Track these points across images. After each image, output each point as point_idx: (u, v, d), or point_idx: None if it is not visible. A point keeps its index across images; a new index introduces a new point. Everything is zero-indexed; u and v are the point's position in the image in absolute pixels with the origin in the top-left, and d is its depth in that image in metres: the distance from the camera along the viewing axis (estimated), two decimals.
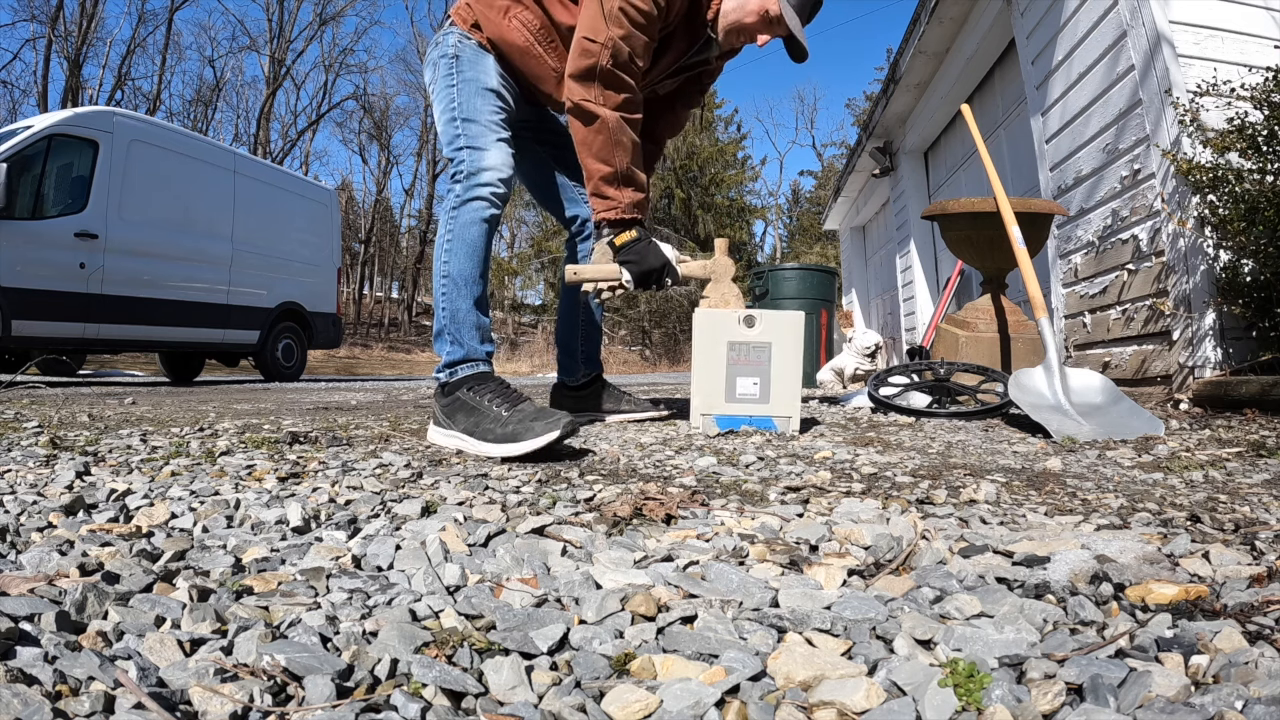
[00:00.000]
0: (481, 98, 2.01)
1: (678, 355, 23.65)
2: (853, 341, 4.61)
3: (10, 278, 5.54)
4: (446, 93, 2.02)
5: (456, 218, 1.92)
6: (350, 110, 35.01)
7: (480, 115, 1.99)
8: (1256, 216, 2.41)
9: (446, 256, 1.92)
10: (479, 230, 1.92)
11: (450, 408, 1.80)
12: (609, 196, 1.96)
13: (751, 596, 0.71)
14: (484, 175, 1.93)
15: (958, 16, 5.30)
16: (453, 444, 1.77)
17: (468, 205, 1.92)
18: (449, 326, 1.88)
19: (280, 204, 8.12)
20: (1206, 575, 0.75)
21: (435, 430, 1.86)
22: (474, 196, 1.92)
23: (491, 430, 1.67)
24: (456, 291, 1.90)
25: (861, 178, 9.24)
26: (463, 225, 1.91)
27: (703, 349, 2.11)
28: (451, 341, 1.87)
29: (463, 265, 1.90)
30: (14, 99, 24.42)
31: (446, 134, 2.00)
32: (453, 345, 1.87)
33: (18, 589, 0.69)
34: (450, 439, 1.78)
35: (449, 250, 1.91)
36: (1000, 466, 1.50)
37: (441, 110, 2.03)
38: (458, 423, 1.76)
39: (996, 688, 0.51)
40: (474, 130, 1.97)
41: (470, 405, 1.76)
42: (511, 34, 2.02)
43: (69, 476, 1.27)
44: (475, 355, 1.87)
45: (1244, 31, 2.99)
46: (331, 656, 0.57)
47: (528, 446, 1.59)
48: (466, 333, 1.88)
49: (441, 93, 2.04)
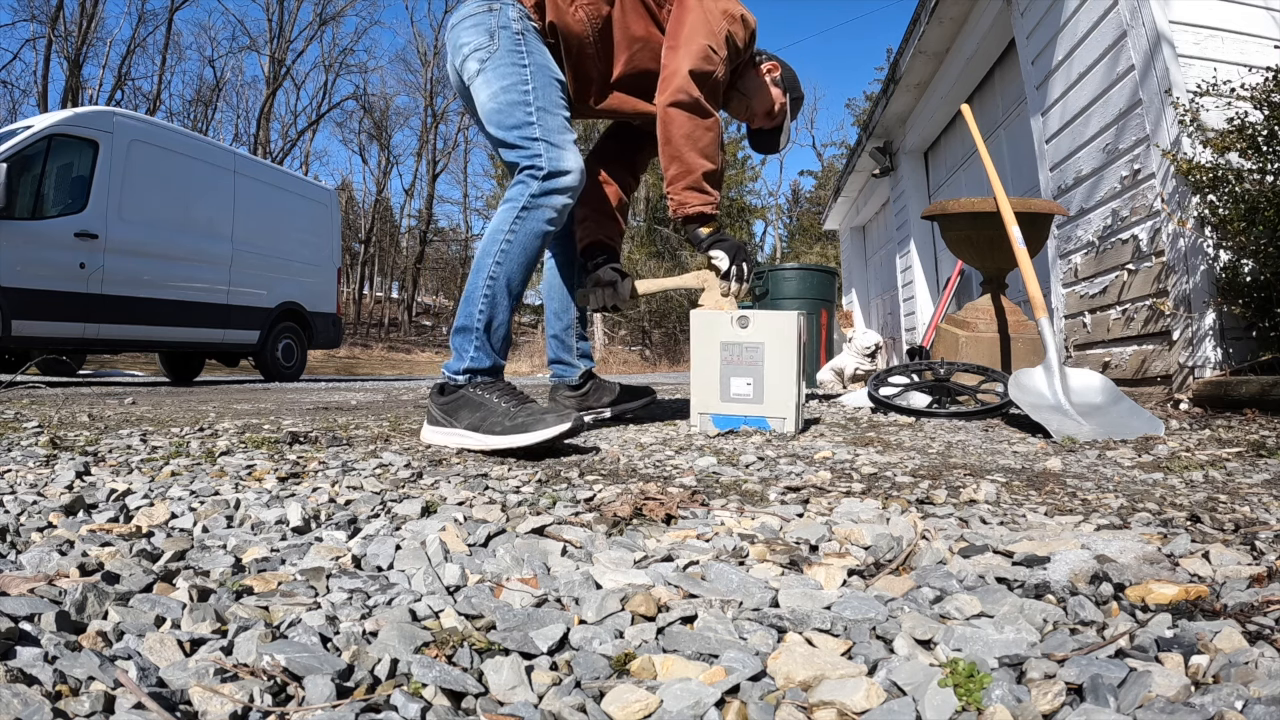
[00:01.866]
0: (554, 89, 1.89)
1: (678, 355, 23.65)
2: (853, 341, 4.61)
3: (10, 278, 5.54)
4: (514, 70, 1.86)
5: (524, 221, 1.80)
6: (350, 110, 35.04)
7: (556, 109, 1.87)
8: (1256, 216, 2.41)
9: (501, 259, 1.80)
10: (540, 242, 1.83)
11: (452, 405, 1.75)
12: (708, 192, 2.06)
13: (751, 596, 0.71)
14: (563, 180, 1.82)
15: (958, 16, 5.30)
16: (454, 441, 1.72)
17: (540, 210, 1.81)
18: (480, 333, 1.79)
19: (280, 204, 8.12)
20: (1206, 575, 0.75)
21: (432, 430, 1.79)
22: (548, 204, 1.81)
23: (500, 424, 1.64)
24: (502, 299, 1.80)
25: (861, 178, 9.24)
26: (528, 232, 1.81)
27: (698, 349, 2.15)
28: (478, 348, 1.79)
29: (514, 273, 1.81)
30: (14, 99, 24.46)
31: (514, 116, 1.84)
32: (478, 353, 1.79)
33: (18, 589, 0.69)
34: (451, 436, 1.73)
35: (505, 253, 1.80)
36: (1000, 466, 1.50)
37: (504, 86, 1.86)
38: (460, 419, 1.72)
39: (996, 688, 0.51)
40: (551, 124, 1.85)
41: (476, 401, 1.72)
42: (575, 24, 1.97)
43: (69, 476, 1.27)
44: (498, 368, 1.82)
45: (1244, 31, 2.99)
46: (331, 656, 0.57)
47: (539, 436, 1.57)
48: (496, 343, 1.81)
49: (504, 67, 1.87)
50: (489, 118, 1.88)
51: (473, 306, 1.80)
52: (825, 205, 13.29)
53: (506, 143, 1.85)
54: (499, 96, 1.86)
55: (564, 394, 2.46)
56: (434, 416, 1.79)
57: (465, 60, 1.93)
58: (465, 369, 1.78)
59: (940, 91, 6.18)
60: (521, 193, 1.81)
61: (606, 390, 2.48)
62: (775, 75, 2.36)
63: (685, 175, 2.03)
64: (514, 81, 1.85)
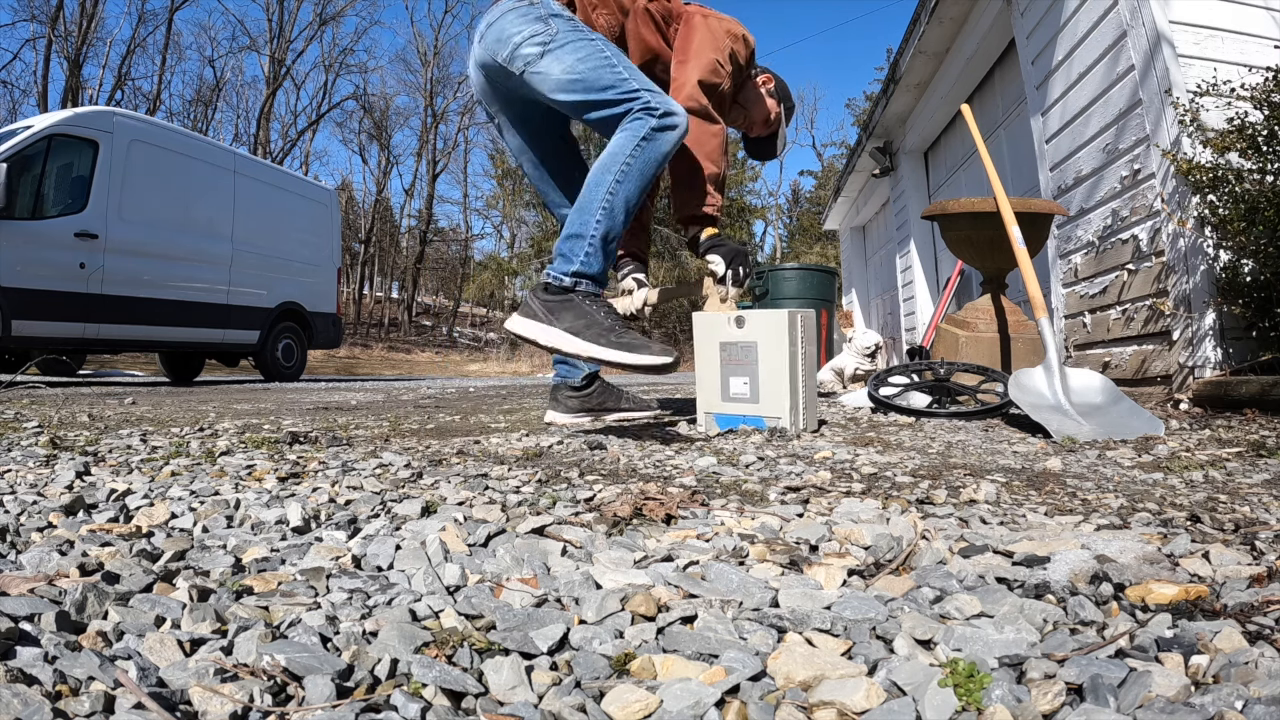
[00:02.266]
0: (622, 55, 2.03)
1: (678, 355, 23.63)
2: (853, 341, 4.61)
3: (10, 278, 5.54)
4: (585, 43, 1.98)
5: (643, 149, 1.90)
6: (350, 110, 35.04)
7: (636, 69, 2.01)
8: (1256, 216, 2.41)
9: (621, 178, 1.88)
10: (656, 171, 1.93)
11: (556, 305, 1.79)
12: (712, 194, 2.15)
13: (751, 596, 0.71)
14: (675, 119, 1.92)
15: (958, 16, 5.30)
16: (547, 338, 1.76)
17: (658, 142, 1.89)
18: (595, 239, 1.85)
19: (280, 204, 8.12)
20: (1206, 575, 0.75)
21: (526, 323, 1.82)
22: (664, 139, 1.90)
23: (605, 337, 1.71)
24: (619, 213, 1.88)
25: (861, 178, 9.23)
26: (647, 159, 1.90)
27: (701, 350, 2.22)
28: (589, 254, 1.84)
29: (632, 193, 1.89)
30: (14, 99, 24.46)
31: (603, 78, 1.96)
32: (589, 258, 1.84)
33: (18, 589, 0.69)
34: (546, 333, 1.77)
35: (625, 173, 1.88)
36: (1000, 466, 1.50)
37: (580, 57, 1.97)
38: (561, 320, 1.77)
39: (996, 688, 0.51)
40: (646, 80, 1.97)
41: (583, 309, 1.77)
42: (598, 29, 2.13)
43: (69, 476, 1.27)
44: (602, 279, 1.88)
45: (1244, 31, 2.99)
46: (331, 656, 0.57)
47: (644, 359, 1.66)
48: (607, 254, 1.88)
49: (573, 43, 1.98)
50: (570, 87, 1.95)
51: (589, 216, 1.86)
52: (825, 205, 13.29)
53: (601, 102, 1.93)
54: (577, 67, 1.94)
55: (566, 394, 2.46)
56: (533, 310, 1.83)
57: (518, 48, 1.99)
58: (575, 271, 1.83)
59: (940, 91, 6.18)
60: (640, 127, 1.89)
61: (612, 395, 2.49)
62: (769, 86, 2.48)
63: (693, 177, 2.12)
64: (589, 52, 1.96)
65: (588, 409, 2.45)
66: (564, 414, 2.44)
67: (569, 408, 2.44)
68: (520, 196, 29.08)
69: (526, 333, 1.82)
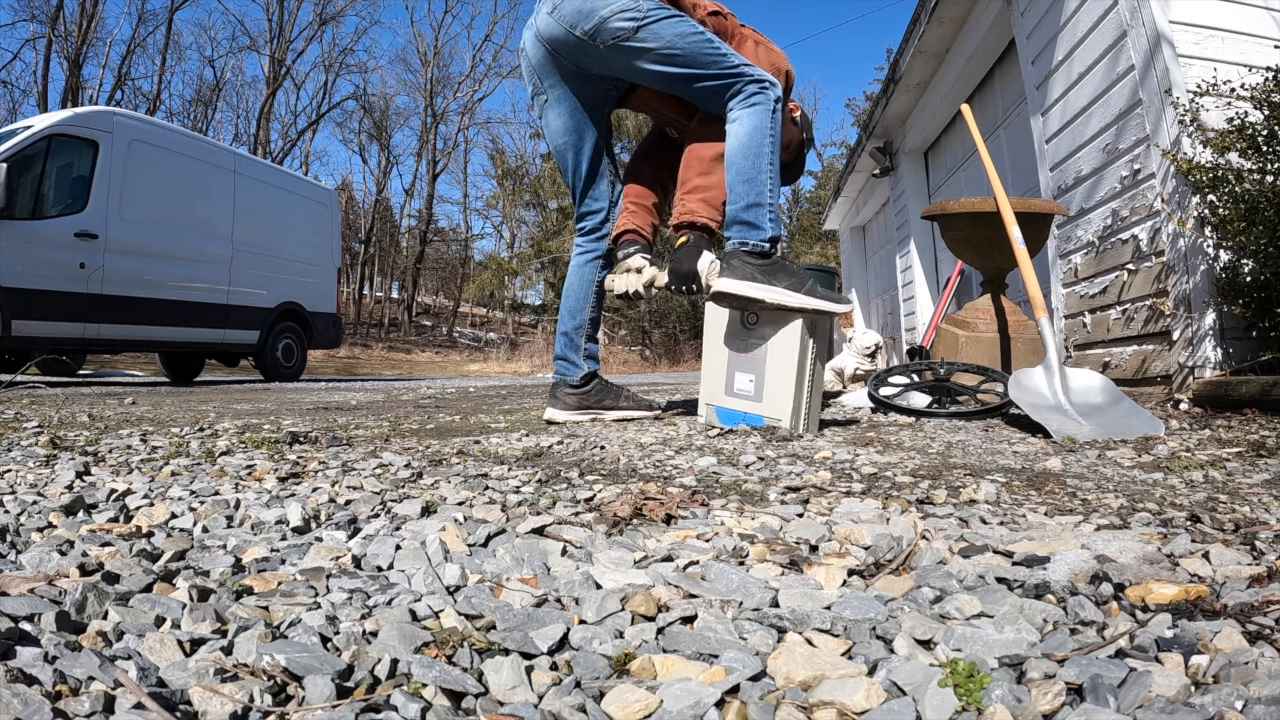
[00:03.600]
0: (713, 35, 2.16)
1: (677, 355, 23.66)
2: (853, 341, 4.61)
3: (10, 278, 5.54)
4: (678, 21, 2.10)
5: (778, 116, 2.10)
6: (350, 110, 34.98)
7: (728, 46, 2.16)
8: (1256, 216, 2.41)
9: (772, 146, 2.08)
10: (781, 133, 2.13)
11: (770, 268, 2.01)
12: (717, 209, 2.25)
13: (751, 596, 0.71)
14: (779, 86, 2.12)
15: (958, 16, 5.30)
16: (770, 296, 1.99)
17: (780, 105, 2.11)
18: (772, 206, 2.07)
19: (280, 204, 8.13)
20: (1206, 575, 0.75)
21: (743, 284, 2.00)
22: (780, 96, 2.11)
23: (817, 291, 2.00)
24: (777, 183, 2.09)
25: (861, 178, 9.23)
26: (779, 125, 2.10)
27: (709, 341, 2.23)
28: (773, 220, 2.07)
29: (777, 159, 2.10)
30: (14, 99, 24.44)
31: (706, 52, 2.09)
32: (774, 224, 2.07)
33: (18, 589, 0.69)
34: (767, 291, 1.99)
35: (774, 141, 2.08)
36: (1000, 466, 1.50)
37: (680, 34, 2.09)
38: (779, 280, 2.00)
39: (996, 688, 0.51)
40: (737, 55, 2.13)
41: (792, 271, 2.03)
42: None
43: (69, 476, 1.27)
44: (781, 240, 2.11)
45: (1244, 31, 2.99)
46: (331, 656, 0.57)
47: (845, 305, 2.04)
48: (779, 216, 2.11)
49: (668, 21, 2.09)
50: (672, 60, 2.09)
51: (761, 186, 2.06)
52: (825, 205, 13.29)
53: (706, 75, 2.10)
54: (678, 43, 2.08)
55: (565, 391, 2.46)
56: (748, 272, 2.01)
57: (606, 21, 2.08)
58: (771, 237, 2.06)
59: (940, 91, 6.18)
60: (766, 100, 2.08)
61: (611, 393, 2.49)
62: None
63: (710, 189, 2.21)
64: (687, 28, 2.09)
65: (587, 407, 2.45)
66: (564, 412, 2.45)
67: (568, 405, 2.45)
68: (520, 196, 29.09)
69: (747, 293, 1.99)
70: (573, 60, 2.21)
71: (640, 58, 2.09)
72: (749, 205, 2.06)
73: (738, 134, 2.08)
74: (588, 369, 2.46)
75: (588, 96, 2.32)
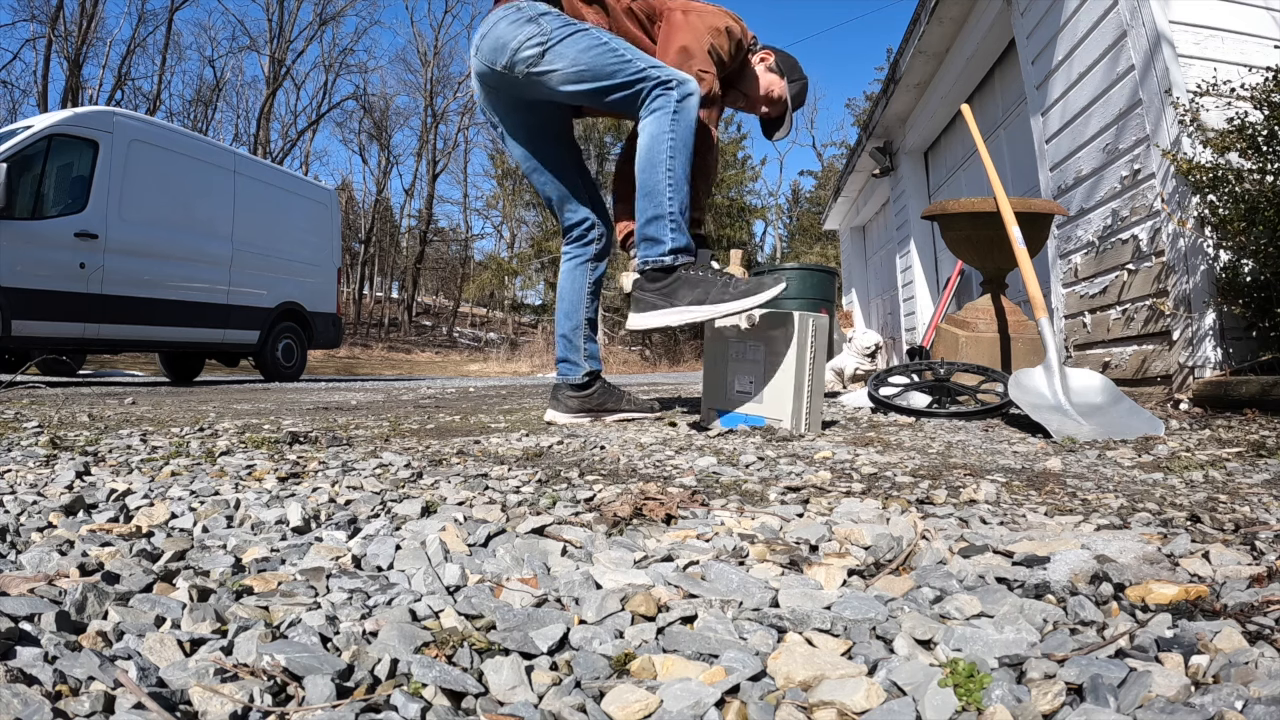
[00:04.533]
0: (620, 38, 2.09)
1: (677, 355, 23.64)
2: (853, 341, 4.61)
3: (10, 278, 5.54)
4: (580, 35, 2.05)
5: (678, 120, 1.98)
6: (350, 110, 34.98)
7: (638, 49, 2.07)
8: (1256, 216, 2.40)
9: (672, 152, 1.98)
10: (693, 133, 2.01)
11: (670, 287, 1.93)
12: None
13: (751, 596, 0.71)
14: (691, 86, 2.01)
15: (958, 16, 5.29)
16: (679, 319, 1.91)
17: (686, 111, 1.98)
18: (673, 215, 1.98)
19: (280, 204, 8.12)
20: (1206, 575, 0.75)
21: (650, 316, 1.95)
22: (689, 106, 1.99)
23: (726, 292, 1.87)
24: (682, 185, 1.99)
25: (861, 178, 9.23)
26: (685, 126, 1.99)
27: (710, 346, 2.23)
28: (675, 229, 1.97)
29: (684, 166, 2.00)
30: (14, 99, 24.44)
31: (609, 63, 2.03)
32: (676, 233, 1.97)
33: (18, 589, 0.69)
34: (672, 315, 1.92)
35: (674, 147, 1.98)
36: (1000, 466, 1.50)
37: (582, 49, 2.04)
38: (682, 298, 1.92)
39: (996, 688, 0.51)
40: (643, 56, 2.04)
41: (695, 280, 1.92)
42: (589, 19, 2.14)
43: (69, 476, 1.27)
44: (692, 249, 2.00)
45: (1244, 31, 2.99)
46: (331, 656, 0.57)
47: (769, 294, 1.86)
48: (685, 225, 2.00)
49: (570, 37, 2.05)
50: (579, 78, 2.03)
51: (660, 197, 1.98)
52: (825, 205, 13.29)
53: (613, 86, 2.01)
54: (581, 59, 2.02)
55: (567, 393, 2.46)
56: (651, 302, 1.95)
57: (517, 53, 2.06)
58: (670, 249, 1.96)
59: (940, 91, 6.17)
60: (666, 102, 1.99)
61: (613, 395, 2.49)
62: (769, 62, 2.44)
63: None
64: (589, 43, 2.03)
65: (588, 409, 2.45)
66: (564, 413, 2.44)
67: (569, 407, 2.45)
68: (520, 196, 29.07)
69: (655, 324, 1.94)
70: (507, 93, 2.22)
71: (554, 80, 2.06)
72: (649, 220, 2.00)
73: (641, 146, 2.02)
74: (589, 368, 2.46)
75: (535, 122, 2.32)
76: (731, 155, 28.58)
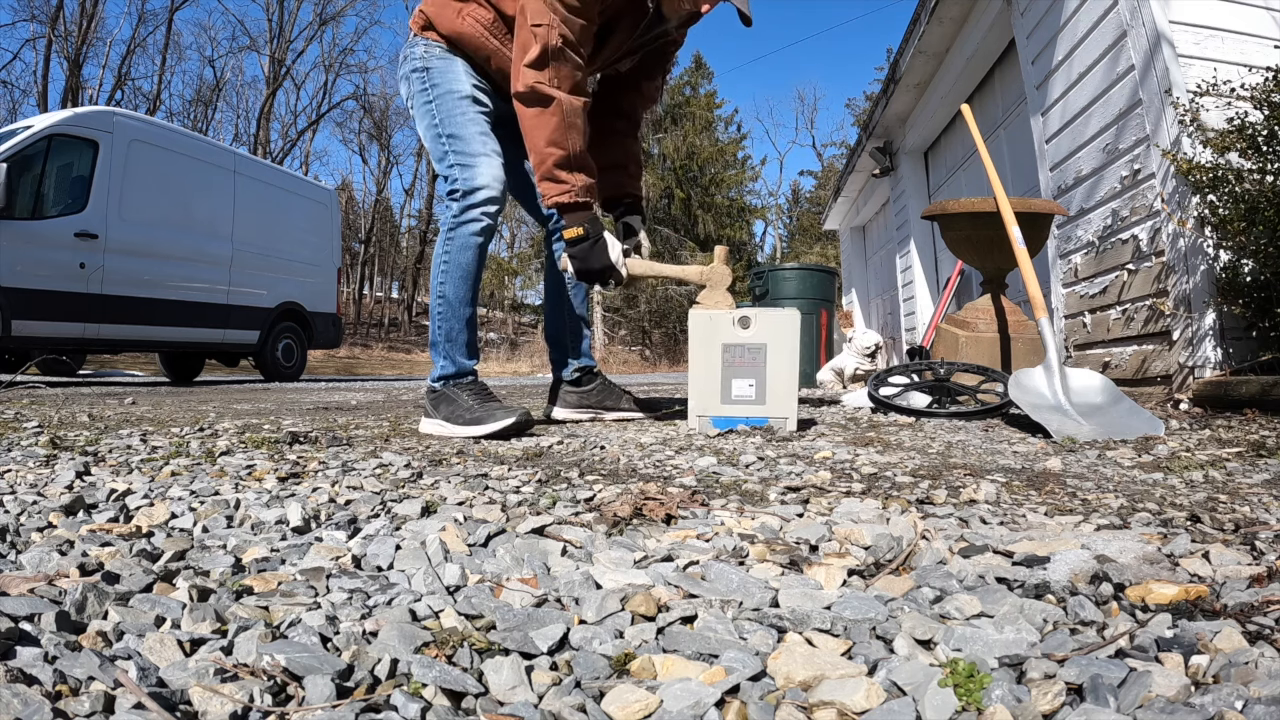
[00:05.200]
0: (459, 107, 2.09)
1: (677, 355, 23.66)
2: (853, 341, 4.62)
3: (10, 278, 5.54)
4: (425, 109, 2.10)
5: (453, 240, 2.06)
6: (350, 110, 34.92)
7: (463, 128, 2.07)
8: (1256, 216, 2.40)
9: (443, 279, 2.08)
10: (473, 255, 2.07)
11: (434, 400, 2.10)
12: (563, 181, 1.97)
13: (751, 596, 0.71)
14: (477, 195, 2.03)
15: (958, 16, 5.29)
16: (435, 430, 2.06)
17: (463, 227, 2.04)
18: (443, 344, 2.11)
19: (280, 204, 8.12)
20: (1206, 575, 0.75)
21: (424, 421, 2.12)
22: (469, 219, 2.04)
23: (462, 416, 2.01)
24: (451, 313, 2.09)
25: (861, 178, 9.23)
26: (458, 249, 2.06)
27: (698, 351, 2.11)
28: (444, 357, 2.12)
29: (458, 289, 2.08)
30: (14, 99, 24.43)
31: (435, 150, 2.09)
32: (445, 361, 2.12)
33: (18, 589, 0.69)
34: (433, 426, 2.07)
35: (445, 273, 2.07)
36: (1000, 466, 1.50)
37: (425, 127, 2.10)
38: (439, 411, 2.07)
39: (996, 688, 0.51)
40: (460, 145, 2.06)
41: (450, 397, 2.07)
42: (466, 28, 2.07)
43: (69, 476, 1.27)
44: (464, 370, 2.13)
45: (1244, 31, 2.99)
46: (331, 656, 0.57)
47: (489, 428, 1.95)
48: (458, 351, 2.12)
49: (420, 109, 2.11)
50: (431, 158, 2.15)
51: (433, 324, 2.13)
52: (825, 205, 13.29)
53: (442, 175, 2.09)
54: (425, 137, 2.12)
55: (566, 390, 2.46)
56: (426, 409, 2.13)
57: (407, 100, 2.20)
58: (439, 376, 2.12)
59: (940, 91, 6.17)
60: (446, 219, 2.06)
61: (612, 394, 2.48)
62: None
63: (540, 166, 1.97)
64: (428, 121, 2.09)
65: (588, 406, 2.45)
66: (564, 410, 2.45)
67: (569, 404, 2.45)
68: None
69: (426, 430, 2.10)
70: None
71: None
72: (430, 344, 2.17)
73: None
74: (579, 364, 2.46)
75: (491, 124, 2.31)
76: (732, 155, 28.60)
